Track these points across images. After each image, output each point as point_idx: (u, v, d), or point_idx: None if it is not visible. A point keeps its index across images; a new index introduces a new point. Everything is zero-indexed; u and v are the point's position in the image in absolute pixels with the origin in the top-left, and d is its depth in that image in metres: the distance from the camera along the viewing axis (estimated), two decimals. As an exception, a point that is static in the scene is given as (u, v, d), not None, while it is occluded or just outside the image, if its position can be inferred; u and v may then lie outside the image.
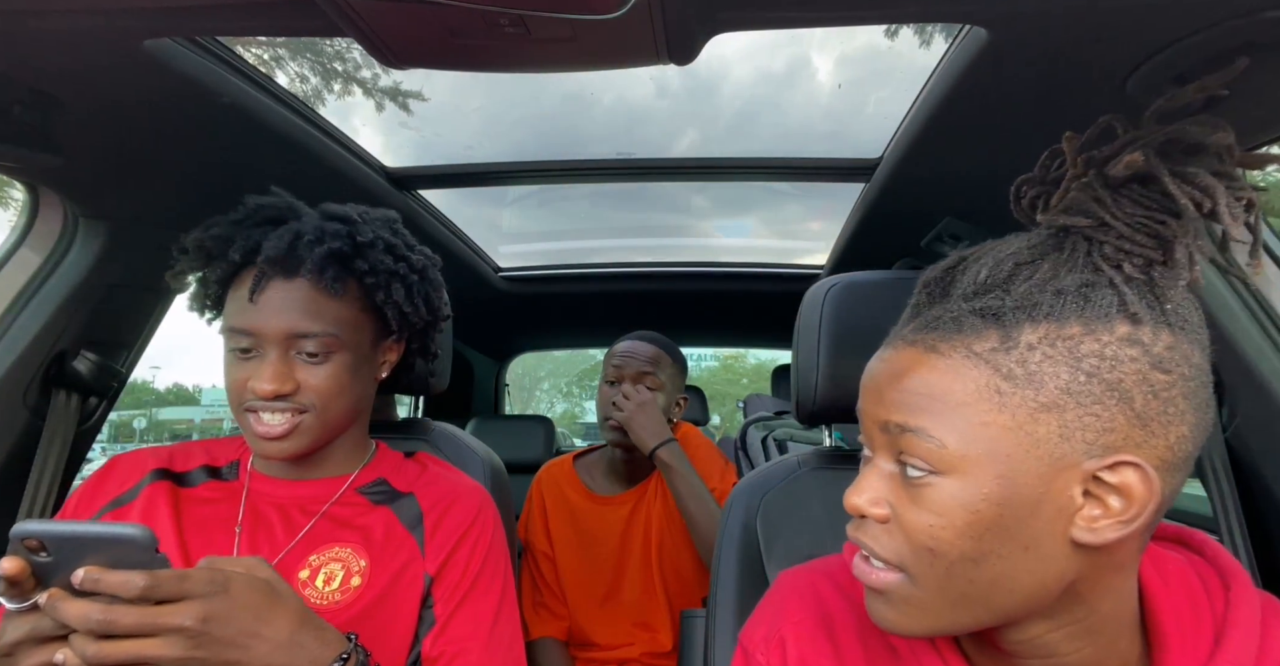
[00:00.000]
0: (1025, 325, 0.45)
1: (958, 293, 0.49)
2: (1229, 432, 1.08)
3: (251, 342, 0.81)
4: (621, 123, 1.59)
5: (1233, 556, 0.52)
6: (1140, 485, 0.43)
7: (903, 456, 0.47)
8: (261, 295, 0.81)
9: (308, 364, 0.82)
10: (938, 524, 0.45)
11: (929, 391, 0.46)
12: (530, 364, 17.51)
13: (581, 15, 0.66)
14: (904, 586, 0.47)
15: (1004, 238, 0.51)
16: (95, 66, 0.83)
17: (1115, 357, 0.44)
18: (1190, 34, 0.72)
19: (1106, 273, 0.46)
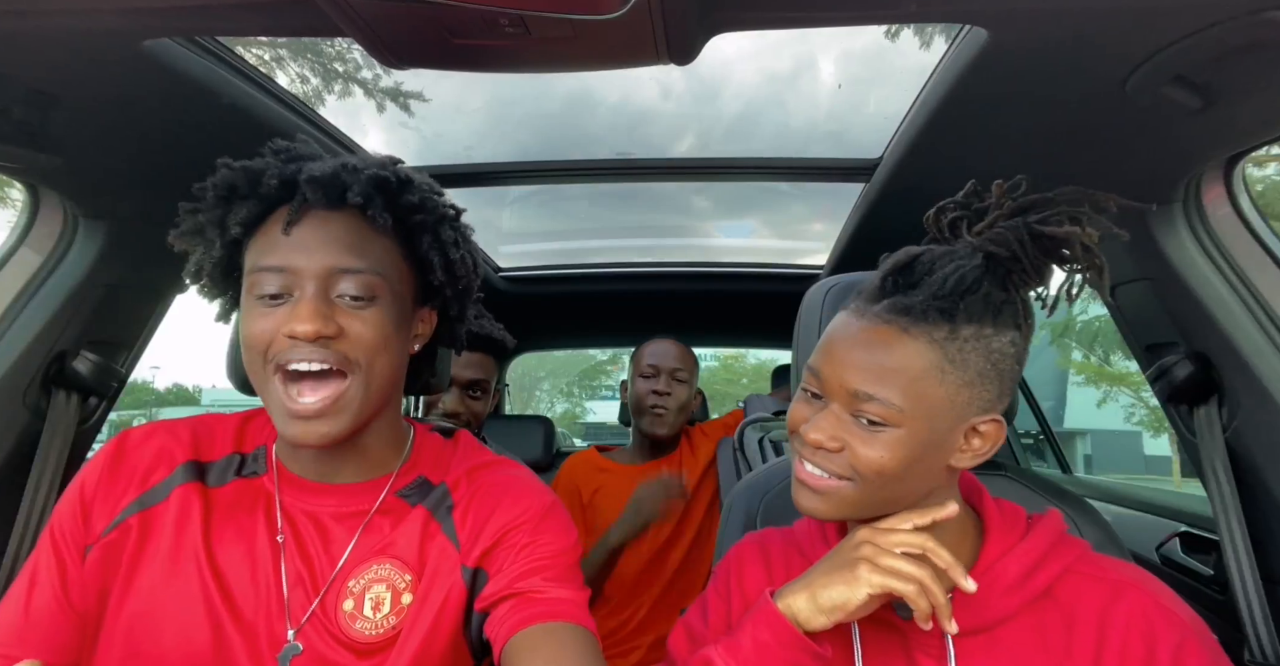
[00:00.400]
0: (964, 324, 0.63)
1: (927, 290, 0.64)
2: (1229, 433, 1.08)
3: (283, 283, 0.69)
4: (622, 123, 1.59)
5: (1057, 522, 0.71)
6: (996, 431, 0.67)
7: (860, 411, 0.64)
8: (298, 227, 0.69)
9: (350, 308, 0.70)
10: (885, 456, 0.63)
11: (895, 365, 0.63)
12: (530, 364, 17.51)
13: (581, 15, 0.66)
14: (846, 489, 0.66)
15: (946, 249, 0.68)
16: (95, 66, 0.83)
17: (1003, 352, 0.65)
18: (1190, 34, 0.72)
19: (1013, 295, 0.66)
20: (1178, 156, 0.98)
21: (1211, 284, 1.06)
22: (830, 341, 0.67)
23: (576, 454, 1.89)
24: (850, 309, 0.68)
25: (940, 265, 0.65)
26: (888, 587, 0.61)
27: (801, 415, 0.68)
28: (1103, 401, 13.19)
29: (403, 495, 0.80)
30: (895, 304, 0.64)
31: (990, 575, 0.67)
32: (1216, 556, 1.19)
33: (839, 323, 0.68)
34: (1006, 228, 0.65)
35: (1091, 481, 2.20)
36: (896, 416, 0.63)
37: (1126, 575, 0.68)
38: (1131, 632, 0.64)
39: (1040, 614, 0.67)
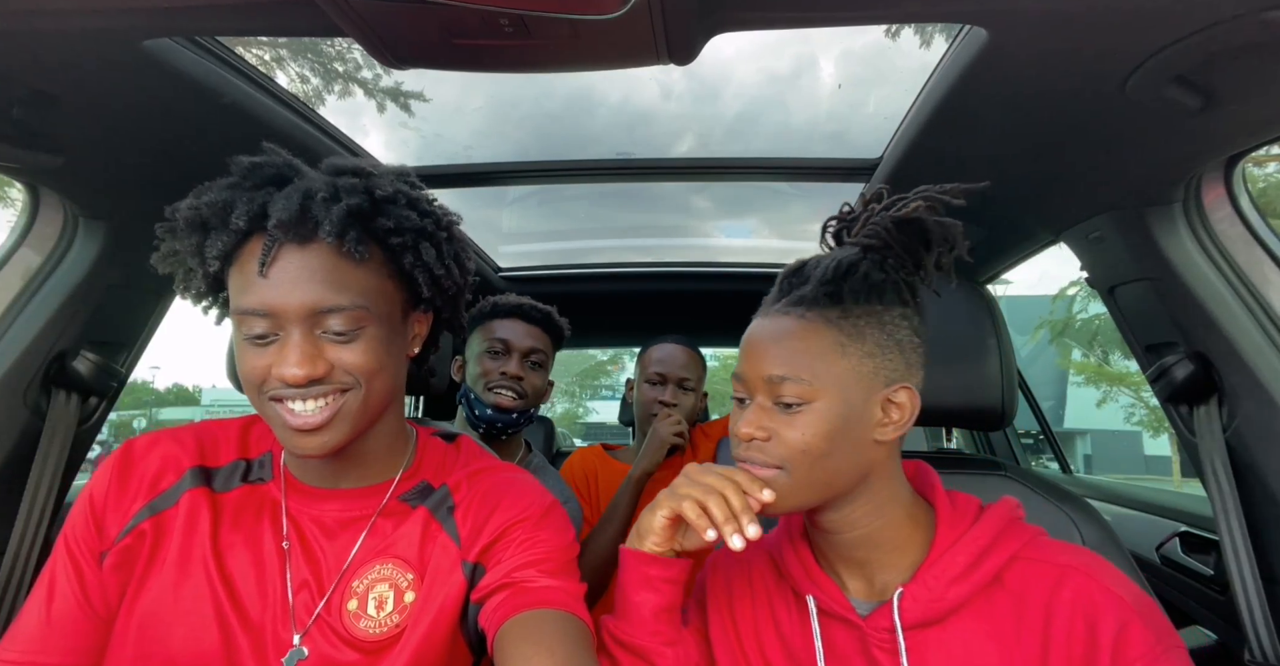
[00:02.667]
0: (853, 304, 0.72)
1: (815, 280, 0.73)
2: (1229, 433, 1.08)
3: (269, 325, 0.69)
4: (622, 123, 1.59)
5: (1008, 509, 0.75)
6: (909, 401, 0.73)
7: (779, 396, 0.70)
8: (274, 267, 0.68)
9: (336, 342, 0.70)
10: (807, 434, 0.69)
11: (800, 347, 0.70)
12: (530, 364, 17.46)
13: (581, 15, 0.66)
14: (780, 477, 0.70)
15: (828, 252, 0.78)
16: (95, 66, 0.83)
17: (896, 324, 0.72)
18: (1190, 34, 0.72)
19: (892, 276, 0.74)
20: (1178, 156, 0.98)
21: (1211, 284, 1.06)
22: (744, 344, 0.75)
23: (583, 449, 1.89)
24: (758, 315, 0.77)
25: (822, 261, 0.75)
26: (673, 509, 0.71)
27: (738, 418, 0.74)
28: (1102, 401, 13.18)
29: (405, 499, 0.82)
30: (791, 298, 0.74)
31: (939, 566, 0.70)
32: (1216, 556, 1.19)
33: (750, 328, 0.76)
34: (875, 223, 0.74)
35: (1091, 481, 2.20)
36: (809, 392, 0.69)
37: (1072, 560, 0.70)
38: (1075, 615, 0.66)
39: (990, 602, 0.69)
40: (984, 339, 1.02)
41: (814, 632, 0.74)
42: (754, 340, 0.74)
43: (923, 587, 0.70)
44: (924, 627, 0.69)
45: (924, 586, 0.70)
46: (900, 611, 0.69)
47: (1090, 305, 10.94)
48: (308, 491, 0.80)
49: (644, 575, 0.74)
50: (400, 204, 0.74)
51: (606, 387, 19.40)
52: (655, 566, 0.74)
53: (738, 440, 0.73)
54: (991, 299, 1.08)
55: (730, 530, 0.68)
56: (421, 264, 0.75)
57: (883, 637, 0.70)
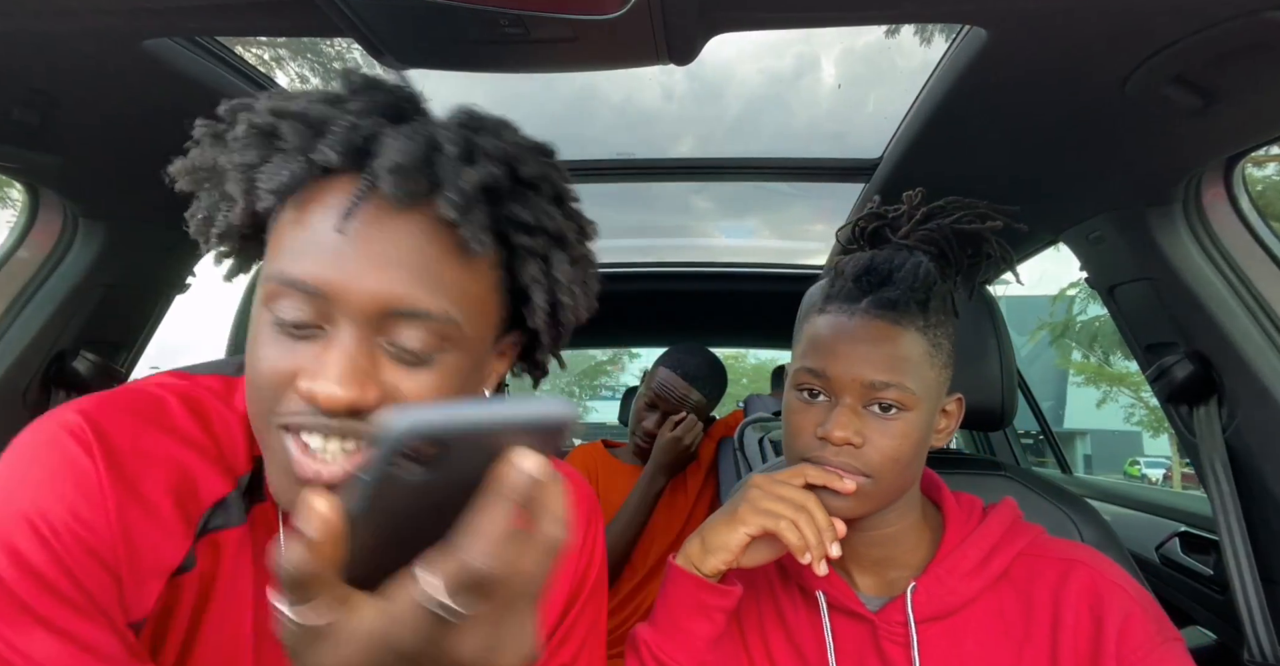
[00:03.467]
0: (935, 313, 0.71)
1: (903, 285, 0.70)
2: (1229, 433, 1.08)
3: (316, 311, 0.46)
4: (623, 123, 1.59)
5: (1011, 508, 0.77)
6: (957, 410, 0.76)
7: (877, 401, 0.68)
8: (356, 222, 0.46)
9: (402, 362, 0.48)
10: (903, 443, 0.68)
11: (901, 354, 0.68)
12: (530, 364, 17.44)
13: (581, 15, 0.66)
14: (868, 485, 0.68)
15: (890, 252, 0.74)
16: (95, 66, 0.83)
17: (951, 336, 0.73)
18: (1190, 34, 0.72)
19: (947, 287, 0.74)
20: (1178, 156, 0.98)
21: (1211, 284, 1.06)
22: (830, 340, 0.70)
23: (583, 445, 1.89)
24: (833, 310, 0.72)
25: (899, 264, 0.71)
26: (763, 526, 0.67)
27: (811, 417, 0.70)
28: (1102, 401, 13.18)
29: None
30: (879, 300, 0.69)
31: (950, 561, 0.72)
32: (1216, 556, 1.19)
33: (831, 323, 0.71)
34: (931, 229, 0.73)
35: (1091, 481, 2.20)
36: (911, 400, 0.68)
37: (1077, 554, 0.72)
38: (1081, 607, 0.67)
39: (999, 597, 0.71)
40: (984, 339, 1.02)
41: (825, 627, 0.74)
42: (846, 340, 0.70)
43: (935, 582, 0.71)
44: (935, 621, 0.70)
45: (936, 581, 0.71)
46: (913, 605, 0.70)
47: (1090, 306, 10.94)
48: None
49: (700, 602, 0.70)
50: (545, 194, 0.53)
51: (606, 388, 19.39)
52: (713, 595, 0.70)
53: (822, 442, 0.69)
54: (991, 299, 1.08)
55: (820, 553, 0.65)
56: (547, 281, 0.54)
57: (895, 631, 0.71)
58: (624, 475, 1.73)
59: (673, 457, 1.60)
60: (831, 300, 0.73)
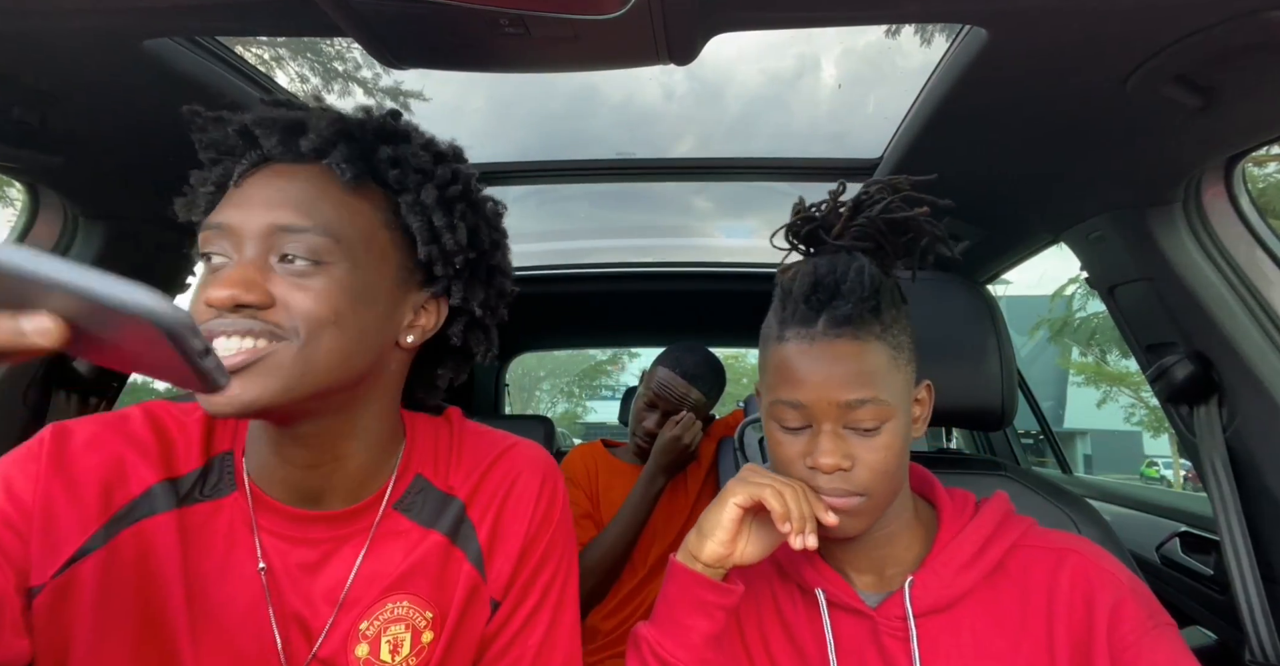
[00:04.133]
0: (885, 314, 0.70)
1: (852, 296, 0.69)
2: (1229, 433, 1.08)
3: (224, 246, 0.59)
4: (623, 123, 1.60)
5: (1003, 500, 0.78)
6: (928, 395, 0.77)
7: (856, 421, 0.68)
8: (251, 181, 0.62)
9: (290, 275, 0.58)
10: (888, 454, 0.68)
11: (869, 368, 0.68)
12: (530, 364, 17.50)
13: (581, 15, 0.66)
14: (864, 503, 0.69)
15: (828, 258, 0.74)
16: (95, 66, 0.83)
17: (907, 328, 0.73)
18: (1190, 34, 0.72)
19: (892, 280, 0.75)
20: (1178, 156, 0.98)
21: (1211, 284, 1.06)
22: (797, 369, 0.70)
23: (582, 445, 1.89)
24: (792, 336, 0.71)
25: (842, 273, 0.71)
26: (751, 495, 0.68)
27: (796, 448, 0.71)
28: (1102, 401, 13.19)
29: (404, 508, 0.70)
30: (834, 318, 0.69)
31: (945, 555, 0.73)
32: (1216, 556, 1.19)
33: (794, 352, 0.70)
34: (863, 225, 0.72)
35: (1091, 481, 2.20)
36: (888, 410, 0.68)
37: (1069, 543, 0.73)
38: (1074, 594, 0.68)
39: (995, 589, 0.72)
40: (984, 339, 1.02)
41: (824, 624, 0.75)
42: (812, 368, 0.69)
43: (932, 576, 0.72)
44: (933, 614, 0.71)
45: (933, 574, 0.72)
46: (911, 599, 0.71)
47: (1089, 303, 10.95)
48: (281, 511, 0.66)
49: (698, 599, 0.70)
50: (415, 143, 0.67)
51: (606, 388, 19.40)
52: (714, 592, 0.70)
53: (813, 471, 0.69)
54: (991, 299, 1.08)
55: (801, 526, 0.66)
56: (420, 209, 0.65)
57: (894, 625, 0.72)
58: (624, 475, 1.73)
59: (672, 457, 1.60)
60: (787, 325, 0.72)
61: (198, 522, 0.64)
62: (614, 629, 1.59)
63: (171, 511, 0.63)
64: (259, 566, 0.64)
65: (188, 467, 0.66)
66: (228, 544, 0.65)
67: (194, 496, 0.65)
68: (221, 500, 0.66)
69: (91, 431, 0.64)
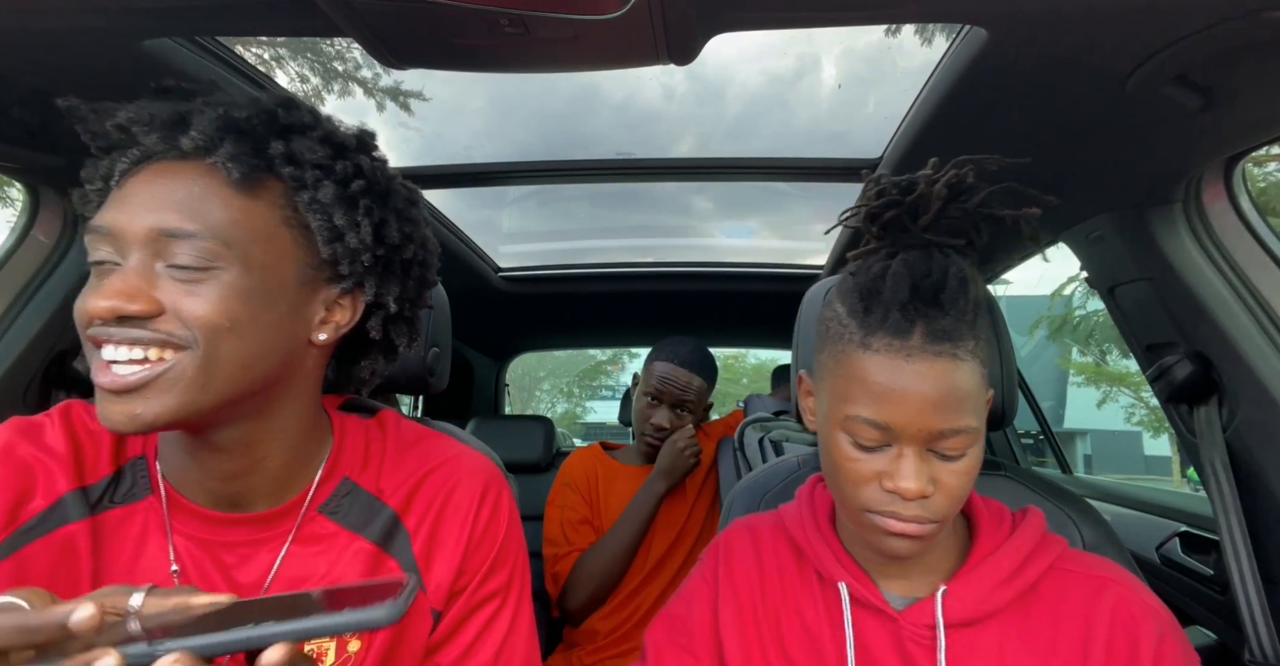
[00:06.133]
0: (979, 327, 0.64)
1: (954, 309, 0.62)
2: (1229, 433, 1.08)
3: (108, 250, 0.56)
4: (623, 123, 1.59)
5: (1041, 519, 0.74)
6: (987, 405, 0.67)
7: (946, 448, 0.62)
8: (133, 179, 0.57)
9: (179, 281, 0.56)
10: (967, 479, 0.63)
11: (965, 394, 0.61)
12: (530, 364, 17.49)
13: (581, 15, 0.66)
14: (935, 529, 0.64)
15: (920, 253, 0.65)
16: (95, 66, 0.83)
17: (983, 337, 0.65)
18: (1190, 34, 0.72)
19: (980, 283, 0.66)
20: (1178, 156, 0.98)
21: (1211, 284, 1.06)
22: (887, 387, 0.62)
23: (581, 449, 1.89)
24: (882, 348, 0.62)
25: (939, 278, 0.63)
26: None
27: (872, 466, 0.64)
28: (1102, 401, 13.18)
29: (329, 511, 0.67)
30: (933, 332, 0.61)
31: (983, 570, 0.70)
32: (1216, 556, 1.19)
33: (885, 367, 0.62)
34: (957, 217, 0.65)
35: (1091, 481, 2.20)
36: (975, 437, 0.63)
37: (1107, 571, 0.71)
38: (1116, 628, 0.66)
39: (1026, 609, 0.69)
40: (984, 339, 1.02)
41: (845, 619, 0.72)
42: (908, 387, 0.61)
43: (967, 588, 0.69)
44: (961, 628, 0.68)
45: (968, 587, 0.69)
46: (943, 609, 0.68)
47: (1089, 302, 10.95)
48: (199, 514, 0.64)
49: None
50: (312, 137, 0.62)
51: (606, 388, 19.39)
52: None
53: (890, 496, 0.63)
54: (992, 299, 1.08)
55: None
56: (319, 207, 0.61)
57: (921, 633, 0.69)
58: (624, 478, 1.73)
59: (677, 463, 1.62)
60: (875, 333, 0.63)
61: (109, 529, 0.63)
62: (613, 630, 1.59)
63: (84, 520, 0.61)
64: (172, 568, 0.62)
65: (96, 476, 0.64)
66: (139, 548, 0.63)
67: (104, 504, 0.64)
68: (135, 505, 0.64)
69: (3, 441, 0.62)
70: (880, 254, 0.67)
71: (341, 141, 0.64)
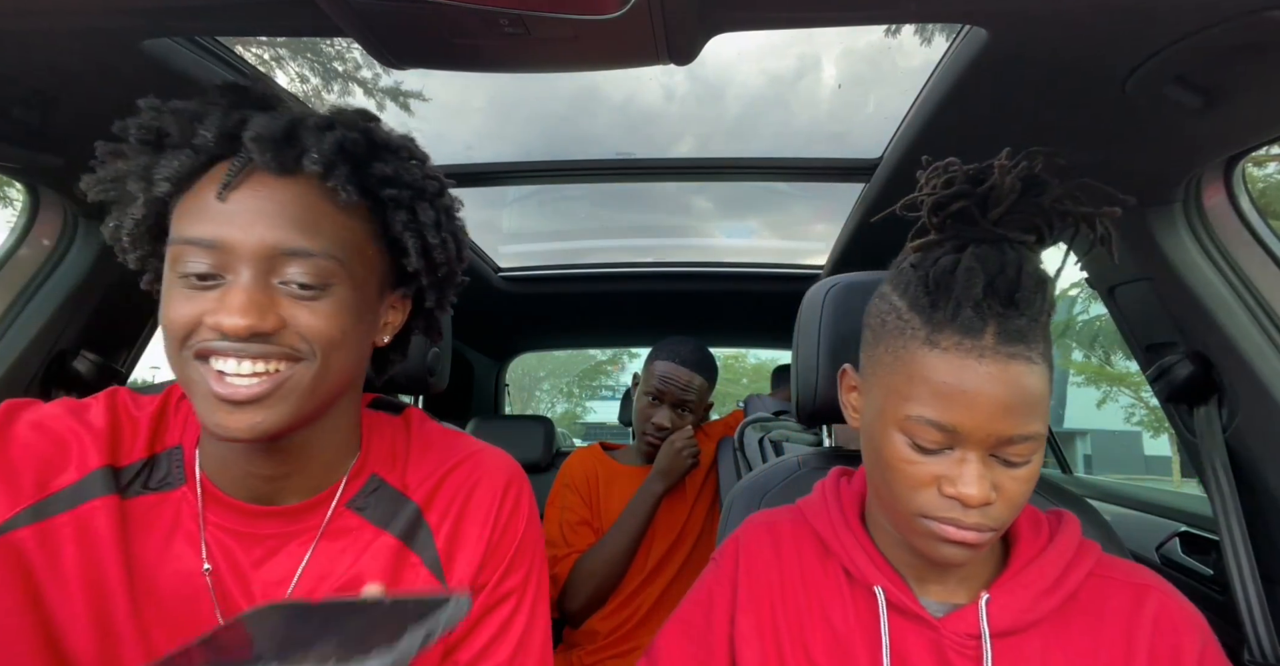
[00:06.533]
0: (1048, 325, 0.61)
1: (1029, 308, 0.59)
2: (1229, 433, 1.08)
3: (213, 263, 0.56)
4: (623, 123, 1.59)
5: (1077, 524, 0.71)
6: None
7: (1012, 454, 0.59)
8: (238, 192, 0.56)
9: (297, 297, 0.57)
10: (1029, 487, 0.61)
11: (1036, 398, 0.58)
12: (530, 364, 17.49)
13: (581, 15, 0.66)
14: (993, 537, 0.62)
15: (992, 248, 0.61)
16: (95, 66, 0.83)
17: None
18: (1190, 34, 0.72)
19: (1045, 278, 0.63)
20: (1178, 156, 0.98)
21: (1211, 284, 1.06)
22: (956, 388, 0.59)
23: (581, 450, 1.89)
24: (951, 347, 0.59)
25: (1013, 273, 0.60)
26: None
27: (931, 470, 0.61)
28: (1103, 401, 13.18)
29: (357, 507, 0.69)
30: (1005, 332, 0.58)
31: (1025, 577, 0.67)
32: (1216, 556, 1.19)
33: (955, 367, 0.59)
34: (1029, 212, 0.61)
35: (1091, 481, 2.20)
36: (1040, 443, 0.60)
37: (1146, 578, 0.69)
38: (1159, 635, 0.64)
39: (1066, 617, 0.67)
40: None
41: (882, 627, 0.68)
42: (979, 389, 0.58)
43: (1010, 597, 0.66)
44: (1004, 637, 0.65)
45: (1012, 596, 0.66)
46: (988, 618, 0.65)
47: (1092, 306, 10.94)
48: (232, 506, 0.65)
49: None
50: (402, 155, 0.65)
51: (606, 388, 19.39)
52: None
53: (949, 502, 0.60)
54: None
55: None
56: (415, 227, 0.64)
57: (963, 642, 0.65)
58: (624, 478, 1.73)
59: (675, 463, 1.62)
60: (943, 330, 0.59)
61: (139, 513, 0.64)
62: (613, 630, 1.59)
63: (111, 497, 0.62)
64: (204, 567, 0.64)
65: (130, 459, 0.65)
66: (168, 537, 0.64)
67: (136, 488, 0.64)
68: (168, 494, 0.65)
69: (48, 413, 0.64)
70: (946, 246, 0.64)
71: (421, 157, 0.68)
